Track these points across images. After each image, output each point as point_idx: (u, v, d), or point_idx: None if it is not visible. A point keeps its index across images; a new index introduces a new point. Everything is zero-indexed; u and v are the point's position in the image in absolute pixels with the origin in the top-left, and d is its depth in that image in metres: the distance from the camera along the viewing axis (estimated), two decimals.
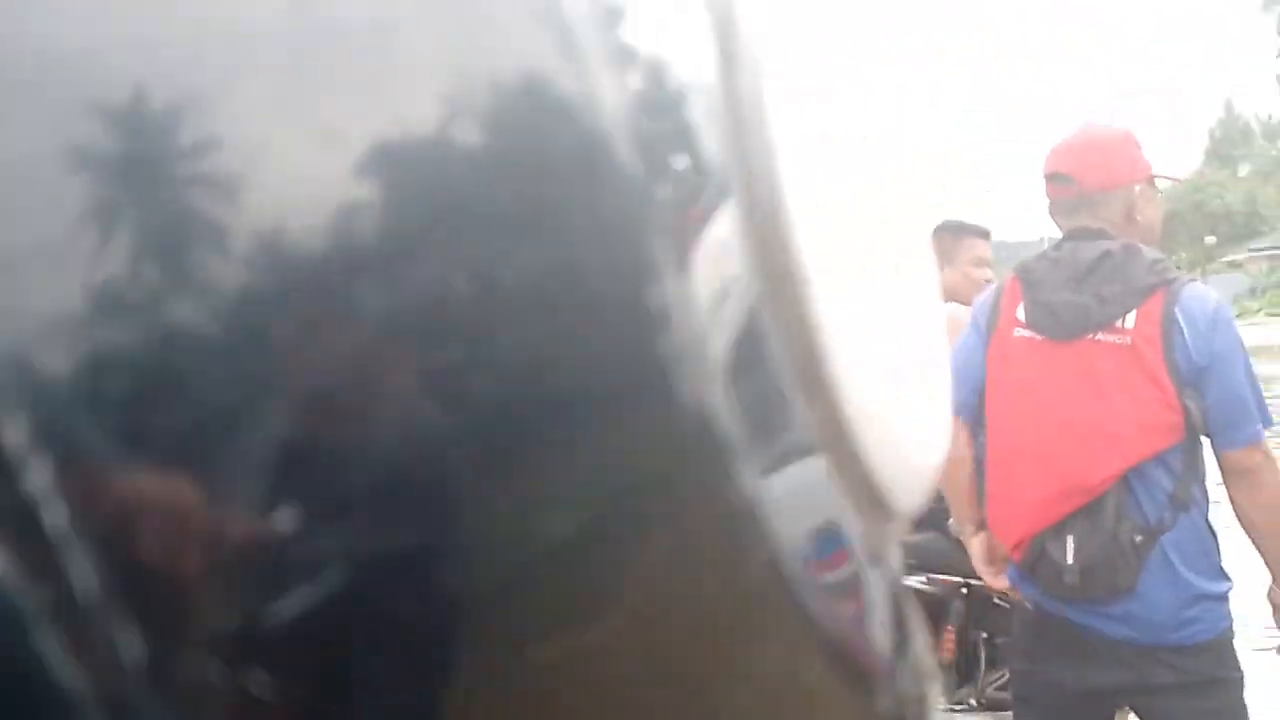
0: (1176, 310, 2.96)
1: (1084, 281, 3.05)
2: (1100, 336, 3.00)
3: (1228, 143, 79.68)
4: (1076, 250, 3.12)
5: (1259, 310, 49.17)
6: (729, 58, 0.45)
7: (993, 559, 3.31)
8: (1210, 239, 65.45)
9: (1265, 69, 71.46)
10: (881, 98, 0.52)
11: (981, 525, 3.27)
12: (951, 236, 4.94)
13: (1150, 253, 3.08)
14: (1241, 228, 67.31)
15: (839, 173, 0.50)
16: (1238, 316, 36.02)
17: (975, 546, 3.34)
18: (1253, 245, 64.32)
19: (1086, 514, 2.98)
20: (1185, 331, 2.94)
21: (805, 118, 0.49)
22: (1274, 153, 76.46)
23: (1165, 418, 2.95)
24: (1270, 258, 60.63)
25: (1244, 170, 76.61)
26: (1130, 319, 2.98)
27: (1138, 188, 3.21)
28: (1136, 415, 2.96)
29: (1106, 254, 3.05)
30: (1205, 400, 2.94)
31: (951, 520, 3.67)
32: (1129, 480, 2.96)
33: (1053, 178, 3.24)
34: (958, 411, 3.27)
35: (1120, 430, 2.96)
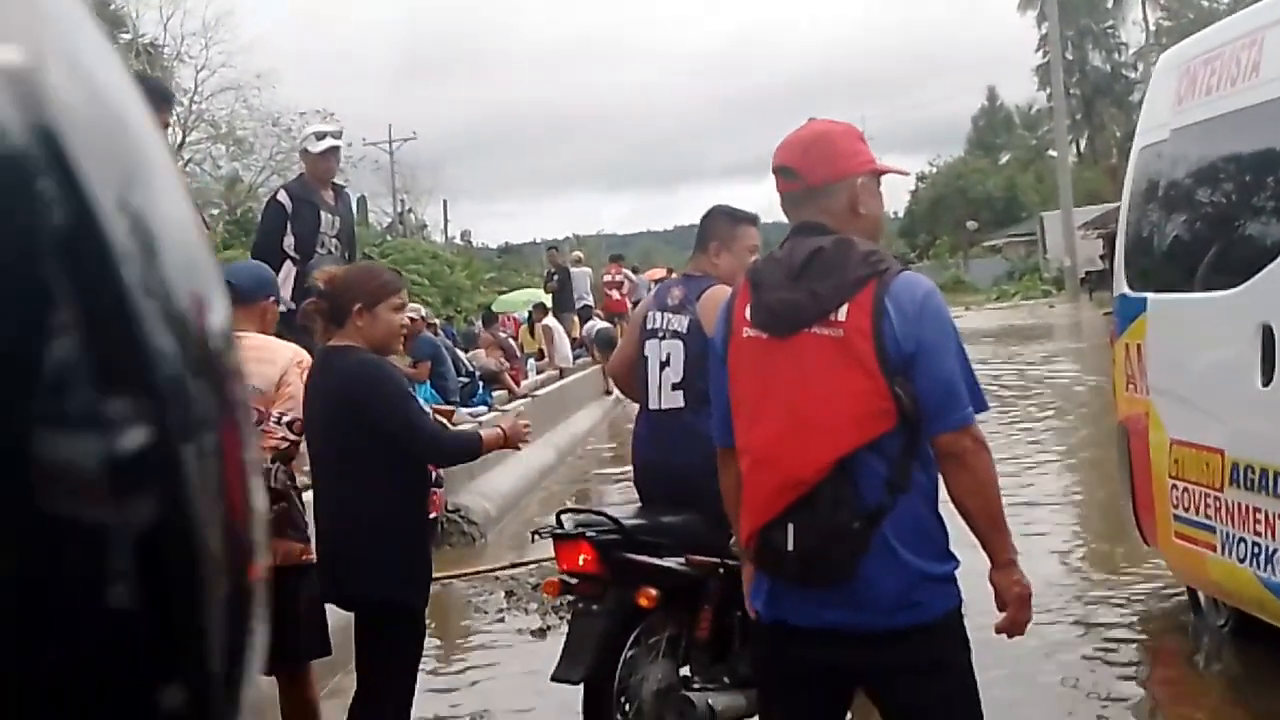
0: (886, 300, 3.05)
1: (799, 278, 3.12)
2: (816, 330, 3.08)
3: (990, 131, 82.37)
4: (794, 247, 3.20)
5: (1015, 294, 50.92)
6: None
7: None
8: (972, 224, 67.60)
9: (1025, 62, 74.16)
10: None
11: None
12: (728, 223, 5.06)
13: (864, 245, 3.16)
14: (1001, 213, 69.67)
15: None
16: (995, 299, 37.01)
17: (745, 574, 3.41)
18: (1011, 231, 66.72)
19: (805, 504, 3.06)
20: (894, 320, 3.04)
21: None
22: (1033, 142, 79.30)
23: (876, 406, 3.04)
24: (1027, 243, 62.96)
25: (1004, 158, 79.31)
26: (843, 311, 3.06)
27: (860, 180, 3.29)
28: (847, 405, 3.05)
29: (819, 249, 3.13)
30: (915, 387, 3.04)
31: (733, 541, 3.74)
32: (845, 468, 3.05)
33: (779, 171, 3.31)
34: (720, 440, 3.35)
35: (831, 421, 3.05)
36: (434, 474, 4.96)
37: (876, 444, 3.07)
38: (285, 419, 4.68)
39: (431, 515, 4.97)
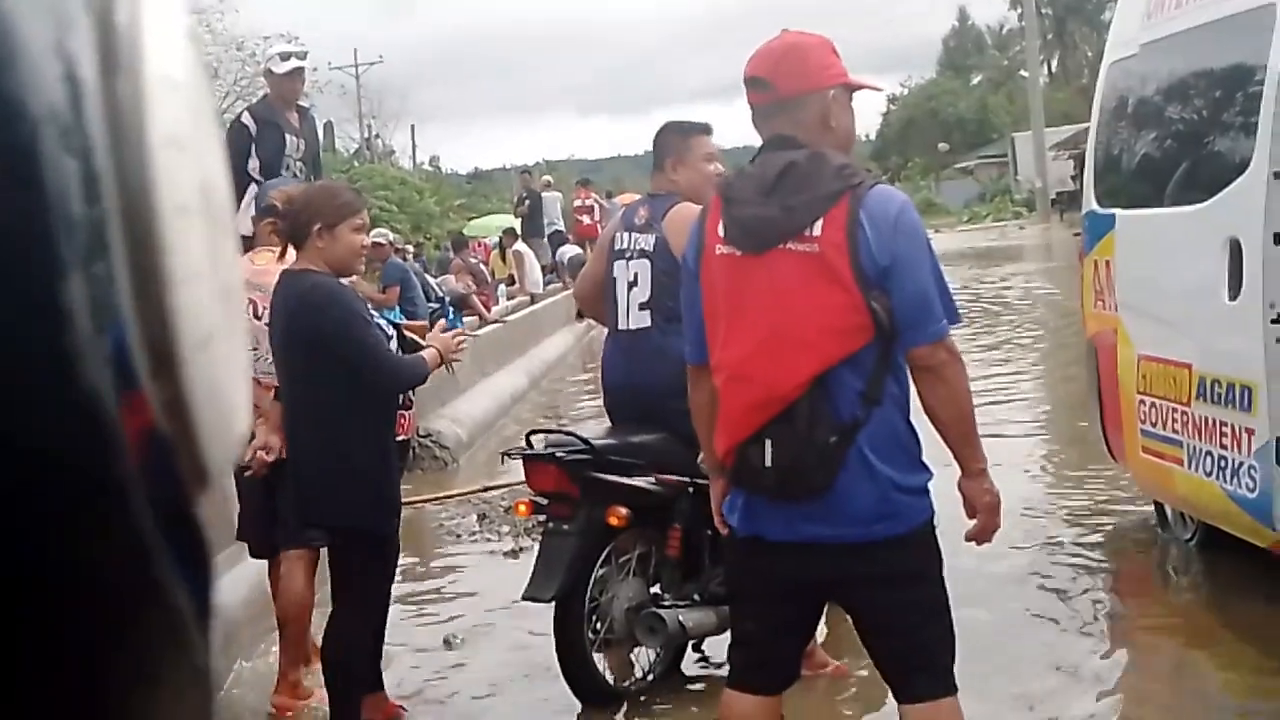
0: (861, 213, 3.04)
1: (771, 193, 3.10)
2: (790, 246, 3.07)
3: (961, 52, 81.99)
4: (766, 162, 3.17)
5: (987, 215, 50.92)
6: (109, 59, 0.60)
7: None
8: (943, 146, 67.44)
9: None
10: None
11: (721, 469, 3.34)
12: (680, 137, 5.02)
13: (837, 158, 3.14)
14: (973, 135, 69.51)
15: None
16: (967, 221, 37.11)
17: (714, 489, 3.42)
18: (983, 152, 66.59)
19: (782, 420, 3.06)
20: (869, 233, 3.03)
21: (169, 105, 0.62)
22: (1004, 62, 78.98)
23: (852, 320, 3.04)
24: (999, 164, 62.88)
25: (976, 79, 79.01)
26: (817, 227, 3.05)
27: (832, 93, 3.27)
28: (823, 321, 3.05)
29: (792, 164, 3.11)
30: (891, 300, 3.04)
31: (701, 458, 3.73)
32: (821, 384, 3.05)
33: (751, 82, 3.26)
34: (692, 357, 3.34)
35: (809, 337, 3.05)
36: (401, 396, 4.89)
37: (852, 358, 3.07)
38: None
39: (401, 437, 4.91)
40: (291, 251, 4.47)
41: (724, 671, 3.87)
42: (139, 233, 0.58)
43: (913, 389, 3.21)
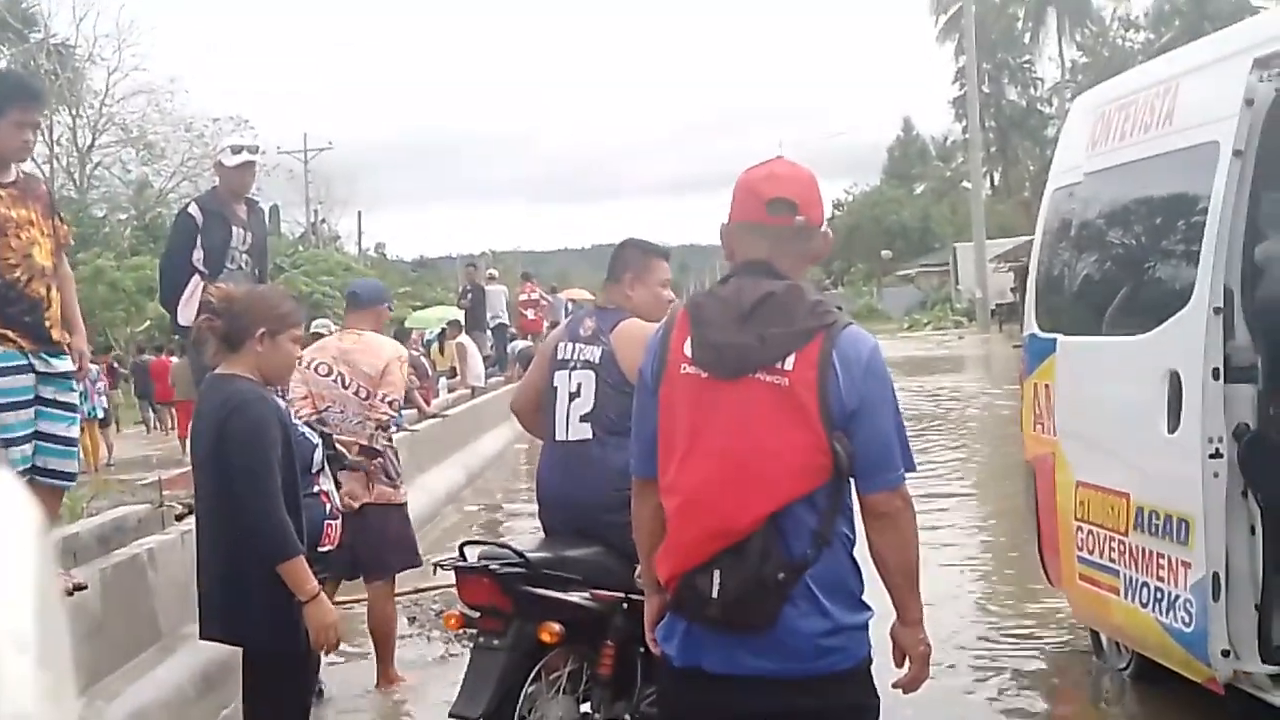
0: (834, 354, 3.02)
1: (748, 321, 3.07)
2: (761, 376, 3.03)
3: (905, 161, 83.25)
4: (742, 289, 3.14)
5: (927, 323, 51.49)
6: None
7: (658, 623, 3.32)
8: (886, 253, 68.24)
9: (940, 93, 75.09)
10: None
11: (657, 588, 3.27)
12: (641, 256, 5.03)
13: (812, 294, 3.13)
14: (915, 243, 70.43)
15: None
16: (907, 328, 37.56)
17: (648, 608, 3.35)
18: (924, 260, 67.48)
19: (734, 553, 3.01)
20: (839, 375, 3.01)
21: None
22: (947, 173, 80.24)
23: (814, 460, 3.01)
24: (940, 273, 63.68)
25: (919, 188, 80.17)
26: (789, 361, 3.02)
27: (825, 230, 3.30)
28: (787, 458, 3.01)
29: (770, 294, 3.08)
30: (853, 443, 3.02)
31: (637, 572, 3.66)
32: (776, 520, 3.01)
33: (777, 204, 3.17)
34: (639, 471, 3.28)
35: (771, 472, 3.01)
36: (328, 506, 4.76)
37: (809, 497, 3.04)
38: (387, 398, 6.62)
39: (326, 548, 4.78)
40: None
41: None
42: None
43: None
